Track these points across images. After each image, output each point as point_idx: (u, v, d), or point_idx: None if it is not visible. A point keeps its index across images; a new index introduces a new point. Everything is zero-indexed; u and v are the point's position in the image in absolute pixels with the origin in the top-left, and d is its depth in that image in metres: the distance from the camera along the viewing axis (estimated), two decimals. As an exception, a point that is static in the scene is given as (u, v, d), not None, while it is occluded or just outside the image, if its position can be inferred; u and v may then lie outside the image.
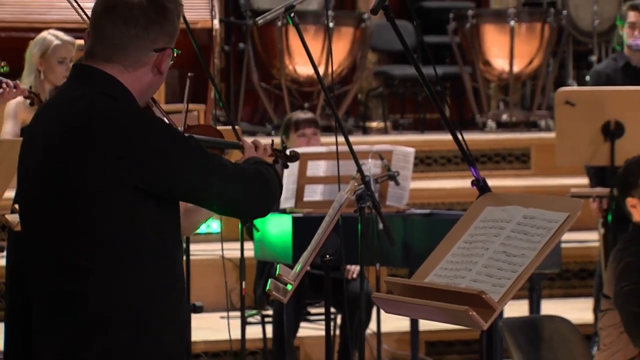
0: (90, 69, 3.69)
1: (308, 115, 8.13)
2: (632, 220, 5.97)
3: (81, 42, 7.40)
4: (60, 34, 7.27)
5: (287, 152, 5.01)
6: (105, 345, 3.65)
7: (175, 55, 3.76)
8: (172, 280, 3.74)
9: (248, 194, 3.78)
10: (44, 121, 3.77)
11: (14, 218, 6.14)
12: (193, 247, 6.81)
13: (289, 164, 5.00)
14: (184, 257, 6.50)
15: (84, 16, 6.30)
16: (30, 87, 6.90)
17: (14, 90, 6.73)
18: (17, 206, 6.11)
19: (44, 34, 7.29)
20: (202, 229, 7.52)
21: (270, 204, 3.86)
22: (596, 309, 7.90)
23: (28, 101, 6.93)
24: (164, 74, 3.74)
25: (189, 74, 4.47)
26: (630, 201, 5.90)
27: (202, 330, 7.90)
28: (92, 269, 3.63)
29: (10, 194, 6.45)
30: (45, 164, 3.68)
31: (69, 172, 3.62)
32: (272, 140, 4.57)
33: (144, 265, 3.66)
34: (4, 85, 6.73)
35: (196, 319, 6.82)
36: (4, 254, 7.11)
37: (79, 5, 6.51)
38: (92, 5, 3.74)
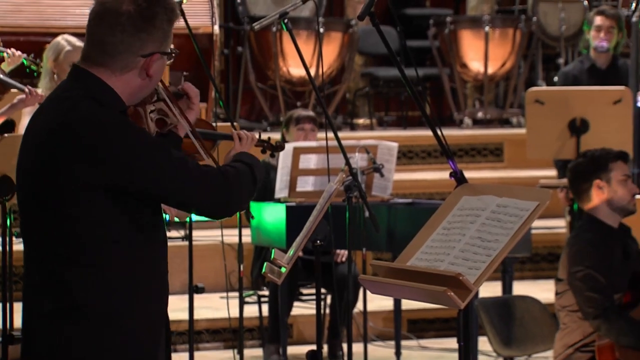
0: (83, 72, 3.66)
1: (309, 113, 8.15)
2: (584, 207, 5.95)
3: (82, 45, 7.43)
4: (72, 39, 7.25)
5: (272, 141, 4.99)
6: (74, 333, 3.59)
7: (173, 55, 3.70)
8: (148, 276, 3.67)
9: (211, 197, 3.69)
10: (38, 119, 3.72)
11: (31, 207, 6.13)
12: (195, 233, 6.81)
13: (274, 153, 4.97)
14: (188, 243, 6.53)
15: None
16: (45, 86, 6.88)
17: (34, 96, 6.73)
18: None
19: (57, 39, 7.27)
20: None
21: (235, 205, 3.77)
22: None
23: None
24: (154, 76, 3.67)
25: (184, 73, 4.43)
26: (597, 184, 5.87)
27: (203, 309, 7.90)
28: (70, 262, 3.57)
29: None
30: (33, 160, 3.64)
31: (50, 169, 3.57)
32: (259, 132, 4.54)
33: (118, 260, 3.59)
34: (26, 91, 6.73)
35: (198, 299, 6.83)
36: (21, 239, 7.10)
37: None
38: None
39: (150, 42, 3.62)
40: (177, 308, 7.71)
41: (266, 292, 7.87)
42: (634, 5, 8.49)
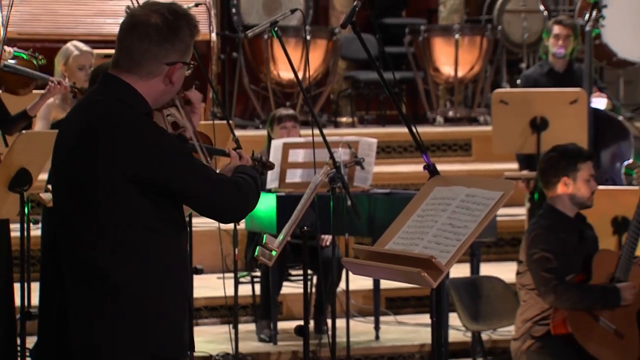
0: (112, 77, 3.68)
1: (289, 111, 8.12)
2: (548, 195, 5.97)
3: (99, 51, 7.41)
4: (80, 45, 7.24)
5: (264, 160, 4.97)
6: (114, 314, 3.62)
7: (190, 66, 3.74)
8: (175, 261, 3.71)
9: (224, 200, 3.73)
10: (72, 118, 3.77)
11: (46, 196, 6.12)
12: (195, 220, 6.79)
13: (264, 171, 4.95)
14: (188, 229, 6.52)
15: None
16: (74, 83, 6.85)
17: (59, 86, 6.71)
18: (50, 186, 6.11)
19: (66, 45, 7.26)
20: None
21: (243, 212, 3.83)
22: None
23: (71, 95, 6.90)
24: (176, 84, 3.71)
25: (195, 82, 4.44)
26: (563, 180, 5.88)
27: (202, 288, 7.88)
28: (102, 248, 3.60)
29: (43, 176, 6.44)
30: (69, 154, 3.67)
31: (85, 165, 3.60)
32: (253, 151, 4.51)
33: (149, 248, 3.62)
34: (50, 83, 6.72)
35: (197, 279, 6.83)
36: (39, 225, 7.09)
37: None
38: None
39: (173, 52, 3.66)
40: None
41: (258, 273, 7.86)
42: (587, 15, 8.50)
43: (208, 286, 8.06)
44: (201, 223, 8.48)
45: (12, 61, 6.78)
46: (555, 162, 5.96)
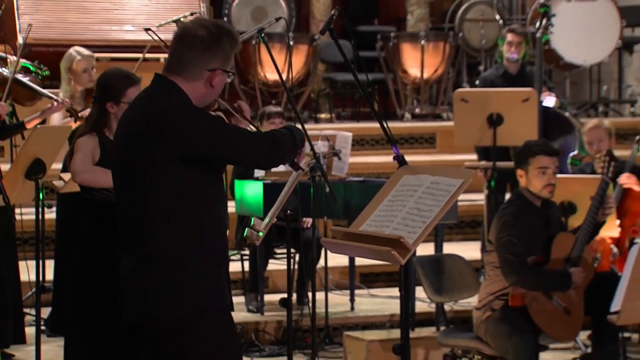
0: (163, 79, 3.84)
1: (277, 108, 8.13)
2: (514, 186, 5.99)
3: (105, 55, 7.37)
4: (81, 50, 7.21)
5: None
6: (159, 278, 3.73)
7: (231, 74, 3.89)
8: (214, 230, 3.82)
9: (260, 152, 3.85)
10: (131, 111, 3.91)
11: (59, 183, 6.11)
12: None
13: None
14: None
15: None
16: (71, 105, 6.84)
17: (61, 105, 6.72)
18: (62, 175, 6.10)
19: (69, 51, 7.23)
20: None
21: (278, 159, 3.94)
22: (483, 250, 7.94)
23: (69, 114, 6.86)
24: (216, 87, 3.85)
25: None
26: (519, 173, 5.91)
27: (197, 265, 7.86)
28: (150, 218, 3.74)
29: (56, 166, 6.42)
30: (129, 144, 3.81)
31: (140, 147, 3.75)
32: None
33: (190, 217, 3.74)
34: (53, 102, 6.71)
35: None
36: (53, 209, 7.07)
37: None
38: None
39: (214, 60, 3.82)
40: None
41: (247, 252, 7.86)
42: (538, 24, 8.51)
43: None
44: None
45: (26, 78, 6.78)
46: (515, 157, 6.00)
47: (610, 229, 6.86)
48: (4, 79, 6.56)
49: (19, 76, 6.72)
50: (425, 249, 7.17)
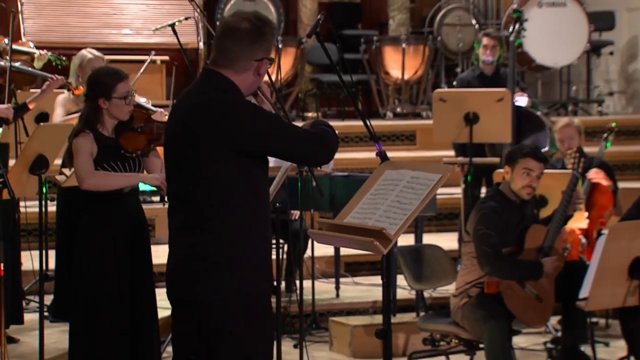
0: (213, 72, 3.82)
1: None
2: (491, 182, 5.99)
3: (105, 57, 7.35)
4: (93, 51, 7.22)
5: None
6: (215, 257, 3.72)
7: (270, 63, 3.87)
8: (261, 218, 3.82)
9: (315, 149, 3.85)
10: (182, 103, 3.89)
11: (61, 177, 6.09)
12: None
13: None
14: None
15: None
16: (67, 81, 6.84)
17: (57, 80, 6.73)
18: (64, 170, 6.08)
19: (82, 51, 7.23)
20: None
21: (329, 155, 3.92)
22: (460, 240, 7.95)
23: (67, 92, 6.90)
24: (262, 75, 3.87)
25: (174, 63, 4.46)
26: (506, 169, 5.91)
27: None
28: (204, 206, 3.73)
29: (58, 161, 6.40)
30: (181, 131, 3.79)
31: (194, 137, 3.73)
32: None
33: (241, 205, 3.73)
34: (50, 78, 6.71)
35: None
36: (55, 202, 7.06)
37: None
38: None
39: (260, 50, 3.81)
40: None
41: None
42: (511, 28, 8.52)
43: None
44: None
45: (22, 65, 6.79)
46: (507, 154, 6.03)
47: (579, 221, 6.88)
48: (2, 69, 6.58)
49: (16, 64, 6.75)
50: (406, 240, 7.18)
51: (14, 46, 7.05)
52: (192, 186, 3.74)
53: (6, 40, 6.89)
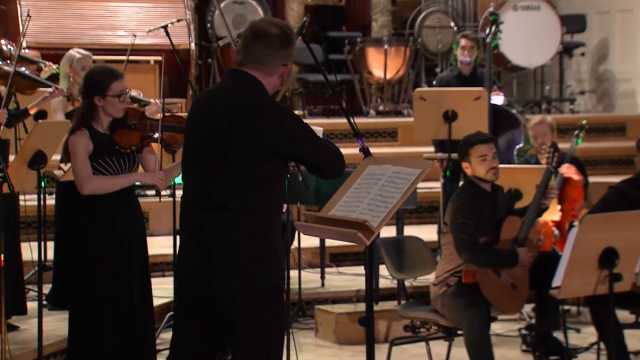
0: (242, 73, 3.80)
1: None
2: (466, 175, 5.99)
3: (100, 57, 7.34)
4: (81, 50, 7.18)
5: None
6: (241, 236, 3.72)
7: (290, 68, 3.90)
8: (278, 217, 3.83)
9: (334, 160, 3.89)
10: (207, 102, 3.87)
11: (58, 172, 6.08)
12: (178, 192, 6.76)
13: None
14: (172, 199, 6.49)
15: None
16: (68, 90, 6.82)
17: (59, 91, 6.70)
18: (62, 165, 6.07)
19: (70, 51, 7.20)
20: (178, 179, 7.37)
21: (342, 169, 3.94)
22: (439, 232, 7.97)
23: (67, 99, 6.90)
24: (286, 79, 3.87)
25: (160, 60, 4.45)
26: (464, 165, 5.92)
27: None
28: (236, 201, 3.72)
29: (56, 157, 6.38)
30: (209, 131, 3.76)
31: (228, 135, 3.71)
32: None
33: (263, 205, 3.74)
34: (53, 88, 6.69)
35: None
36: (53, 196, 7.04)
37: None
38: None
39: (287, 55, 3.82)
40: (164, 245, 7.67)
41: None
42: (488, 30, 8.53)
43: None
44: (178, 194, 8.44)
45: (26, 70, 6.76)
46: (458, 151, 6.03)
47: (552, 213, 6.90)
48: (6, 73, 6.56)
49: (20, 69, 6.71)
50: (388, 232, 7.19)
51: (24, 54, 7.01)
52: (223, 184, 3.72)
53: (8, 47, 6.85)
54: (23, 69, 6.76)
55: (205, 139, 3.76)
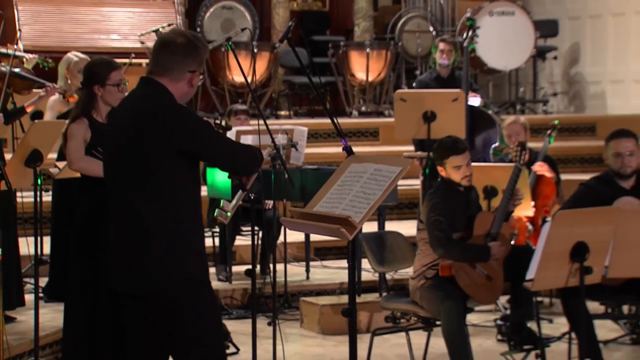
0: (151, 80, 3.81)
1: (243, 106, 8.10)
2: (440, 175, 5.99)
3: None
4: (78, 54, 7.17)
5: (223, 124, 5.10)
6: (158, 252, 3.70)
7: (201, 75, 3.89)
8: (197, 211, 3.82)
9: (241, 158, 3.90)
10: (122, 109, 3.89)
11: (54, 170, 6.05)
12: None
13: (224, 131, 5.05)
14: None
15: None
16: (63, 88, 6.81)
17: (54, 89, 6.69)
18: (57, 163, 6.04)
19: (68, 54, 7.19)
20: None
21: (255, 168, 3.97)
22: (419, 228, 7.97)
23: (61, 96, 6.89)
24: (194, 87, 3.85)
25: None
26: (439, 169, 5.91)
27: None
28: (145, 204, 3.71)
29: (52, 155, 6.35)
30: (122, 136, 3.77)
31: (136, 141, 3.71)
32: (214, 119, 4.64)
33: (179, 200, 3.73)
34: (47, 87, 6.67)
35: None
36: (49, 193, 7.00)
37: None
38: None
39: (193, 63, 3.81)
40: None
41: (217, 230, 7.84)
42: (465, 34, 8.54)
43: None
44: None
45: (22, 71, 6.74)
46: (433, 154, 6.02)
47: (526, 209, 6.91)
48: (2, 74, 6.54)
49: (16, 70, 6.70)
50: (370, 227, 7.18)
51: (2, 50, 7.00)
52: (135, 185, 3.72)
53: None
54: (17, 69, 6.74)
55: (119, 145, 3.79)
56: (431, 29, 12.35)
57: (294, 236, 8.10)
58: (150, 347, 3.79)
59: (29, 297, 6.39)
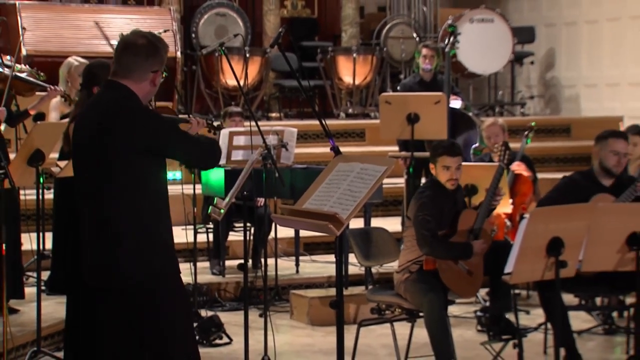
0: (114, 82, 3.78)
1: (237, 109, 8.09)
2: (431, 173, 5.98)
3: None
4: (79, 58, 7.16)
5: (215, 124, 5.09)
6: (127, 246, 3.69)
7: (163, 75, 3.87)
8: (164, 206, 3.82)
9: (202, 153, 3.86)
10: (89, 111, 3.85)
11: (55, 169, 6.04)
12: (172, 186, 6.73)
13: (216, 132, 5.07)
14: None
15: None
16: (64, 91, 6.80)
17: (55, 91, 6.69)
18: (58, 162, 6.02)
19: (69, 59, 7.18)
20: (170, 176, 7.37)
21: (215, 161, 3.94)
22: (403, 224, 7.98)
23: (63, 99, 6.88)
24: (157, 86, 3.82)
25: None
26: (430, 166, 5.91)
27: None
28: (113, 200, 3.70)
29: (54, 155, 6.34)
30: (89, 137, 3.75)
31: (102, 141, 3.69)
32: (206, 119, 4.63)
33: (145, 199, 3.72)
34: (49, 89, 6.66)
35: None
36: (51, 191, 6.99)
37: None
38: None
39: (155, 63, 3.79)
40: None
41: (211, 226, 7.83)
42: (447, 40, 8.55)
43: (175, 235, 7.99)
44: (170, 189, 8.41)
45: (24, 74, 6.73)
46: (429, 152, 6.03)
47: (505, 206, 6.93)
48: (5, 77, 6.54)
49: (18, 73, 6.70)
50: (356, 223, 7.18)
51: None
52: (103, 182, 3.70)
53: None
54: (24, 74, 6.73)
55: (85, 145, 3.77)
56: (415, 35, 12.36)
57: (284, 232, 8.10)
58: (125, 341, 3.74)
59: (32, 290, 6.37)
